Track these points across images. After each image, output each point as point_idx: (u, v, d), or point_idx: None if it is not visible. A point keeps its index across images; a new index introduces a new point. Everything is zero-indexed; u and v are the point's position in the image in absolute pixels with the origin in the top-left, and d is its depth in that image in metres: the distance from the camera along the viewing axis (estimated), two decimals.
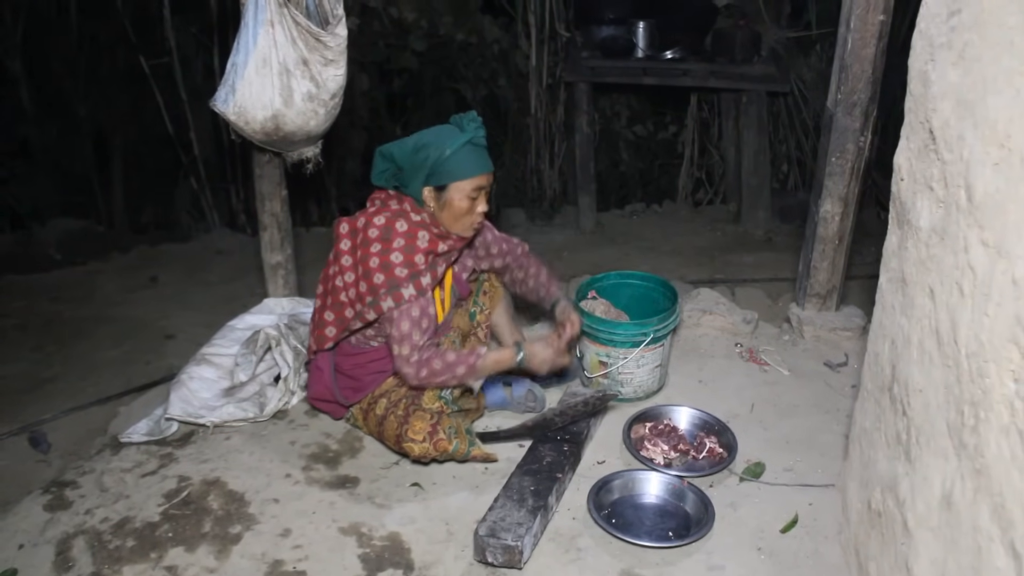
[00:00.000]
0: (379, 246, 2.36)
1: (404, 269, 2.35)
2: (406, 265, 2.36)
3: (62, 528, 2.33)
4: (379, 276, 2.35)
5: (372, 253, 2.36)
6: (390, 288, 2.35)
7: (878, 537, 1.88)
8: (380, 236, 2.37)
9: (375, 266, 2.35)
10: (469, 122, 2.39)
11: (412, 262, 2.36)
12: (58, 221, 6.10)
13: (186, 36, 5.87)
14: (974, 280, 1.38)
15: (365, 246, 2.39)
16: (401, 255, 2.36)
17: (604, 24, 5.68)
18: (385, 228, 2.38)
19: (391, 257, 2.35)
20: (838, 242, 3.10)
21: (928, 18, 1.65)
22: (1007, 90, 1.30)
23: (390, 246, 2.36)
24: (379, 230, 2.38)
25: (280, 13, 2.59)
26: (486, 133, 2.41)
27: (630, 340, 2.72)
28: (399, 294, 2.35)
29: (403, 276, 2.35)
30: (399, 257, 2.36)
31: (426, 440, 2.38)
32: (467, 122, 2.39)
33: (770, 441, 2.64)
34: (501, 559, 2.10)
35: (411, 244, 2.37)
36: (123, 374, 3.63)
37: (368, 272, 2.37)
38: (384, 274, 2.35)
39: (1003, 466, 1.27)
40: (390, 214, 2.41)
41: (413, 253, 2.37)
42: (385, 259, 2.35)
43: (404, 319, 2.36)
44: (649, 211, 6.23)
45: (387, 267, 2.35)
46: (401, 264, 2.36)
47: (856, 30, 2.75)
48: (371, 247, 2.37)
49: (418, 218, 2.42)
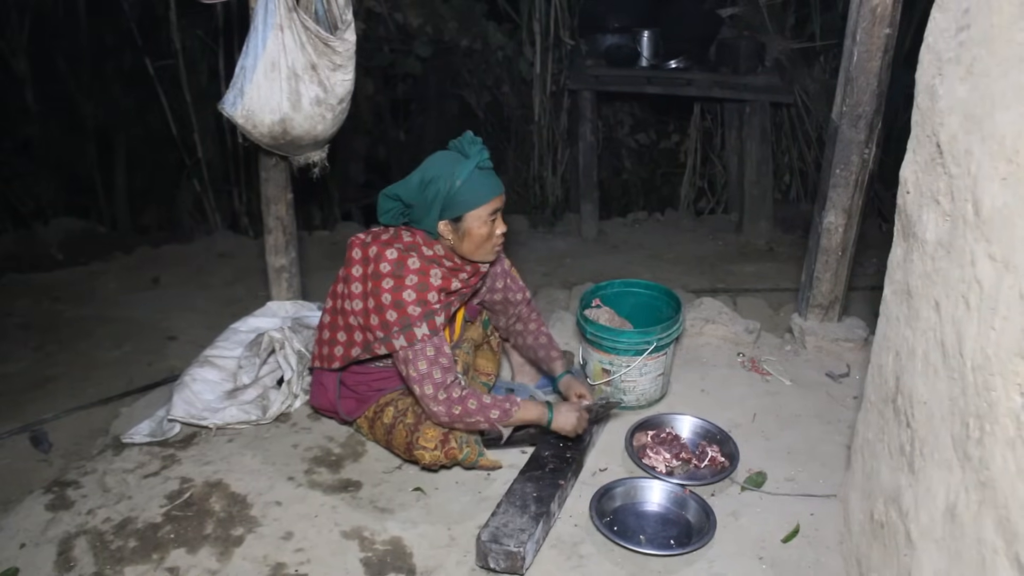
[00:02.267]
0: (391, 282, 2.31)
1: (417, 308, 2.30)
2: (419, 303, 2.30)
3: (64, 528, 2.34)
4: (392, 314, 2.30)
5: (384, 289, 2.31)
6: (403, 327, 2.30)
7: (880, 548, 1.88)
8: (392, 272, 2.31)
9: (387, 303, 2.30)
10: (471, 145, 2.31)
11: (425, 300, 2.31)
12: (61, 221, 6.11)
13: (192, 38, 5.88)
14: (981, 293, 1.39)
15: (376, 279, 2.33)
16: (414, 293, 2.30)
17: (609, 32, 5.70)
18: (397, 263, 2.31)
19: (403, 295, 2.29)
20: (841, 253, 3.11)
21: (936, 33, 1.66)
22: (1016, 105, 1.31)
23: (403, 283, 2.30)
24: (391, 265, 2.32)
25: (290, 18, 2.60)
26: (488, 150, 2.34)
27: (633, 348, 2.73)
28: (412, 333, 2.30)
29: (416, 315, 2.30)
30: (412, 295, 2.30)
31: (438, 448, 2.38)
32: (468, 146, 2.31)
33: (772, 451, 2.64)
34: (503, 565, 2.11)
35: (424, 282, 2.31)
36: (124, 375, 3.64)
37: (380, 307, 2.32)
38: (397, 312, 2.30)
39: (1008, 479, 1.28)
40: (402, 247, 2.35)
41: (426, 291, 2.31)
42: (398, 296, 2.29)
43: (420, 359, 2.31)
44: (651, 219, 6.24)
45: (400, 305, 2.29)
46: (414, 302, 2.30)
47: (862, 43, 2.76)
48: (383, 282, 2.31)
49: (430, 252, 2.37)
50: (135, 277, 5.09)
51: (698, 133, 6.40)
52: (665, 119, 6.65)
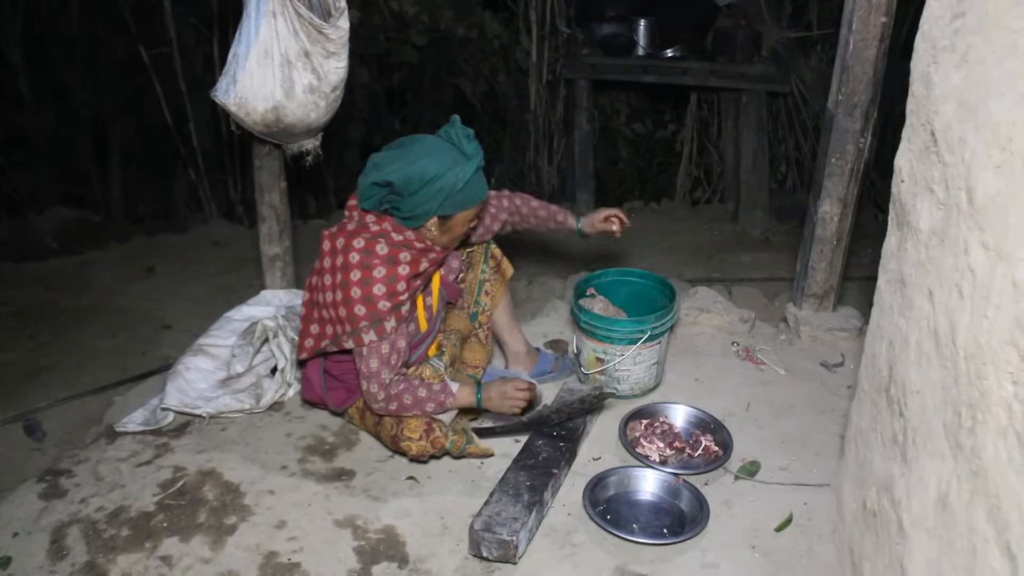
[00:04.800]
0: (359, 273, 2.27)
1: (387, 302, 2.27)
2: (388, 297, 2.27)
3: (57, 517, 2.33)
4: (360, 308, 2.28)
5: (353, 282, 2.27)
6: (373, 322, 2.28)
7: (873, 537, 1.88)
8: (360, 262, 2.28)
9: (356, 297, 2.27)
10: (468, 141, 2.26)
11: (395, 291, 2.29)
12: (55, 210, 6.10)
13: (186, 26, 5.86)
14: (974, 282, 1.39)
15: (345, 271, 2.29)
16: (384, 286, 2.27)
17: (605, 21, 5.69)
18: (365, 252, 2.29)
19: (373, 289, 2.26)
20: (836, 243, 3.11)
21: (931, 20, 1.65)
22: (1010, 93, 1.30)
23: (371, 275, 2.27)
24: (359, 254, 2.28)
25: (283, 4, 2.58)
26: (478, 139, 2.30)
27: (627, 337, 2.73)
28: (382, 327, 2.29)
29: (385, 310, 2.28)
30: (381, 289, 2.26)
31: (423, 438, 2.38)
32: (465, 141, 2.26)
33: (765, 440, 2.64)
34: (496, 553, 2.11)
35: (392, 273, 2.28)
36: (119, 364, 3.63)
37: (349, 301, 2.28)
38: (366, 307, 2.28)
39: (1000, 468, 1.28)
40: (369, 236, 2.31)
41: (395, 282, 2.28)
42: (367, 291, 2.26)
43: (373, 356, 2.31)
44: (647, 209, 6.24)
45: (369, 300, 2.27)
46: (384, 296, 2.27)
47: (858, 32, 2.75)
48: (351, 274, 2.28)
49: (399, 238, 2.32)
50: (130, 266, 5.08)
51: (694, 122, 6.40)
52: (661, 108, 6.64)
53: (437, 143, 2.27)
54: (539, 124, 6.29)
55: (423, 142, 2.26)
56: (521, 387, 2.44)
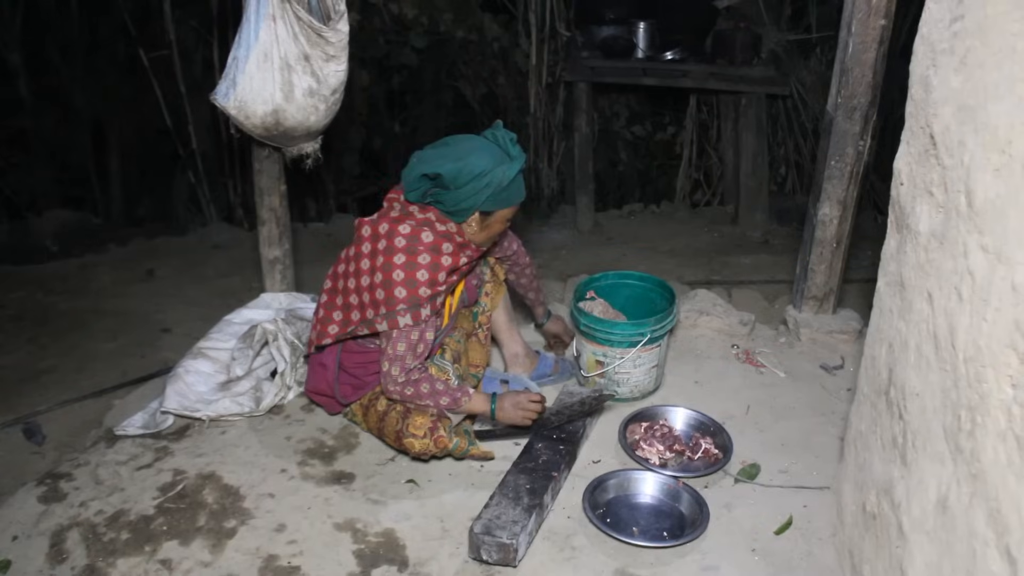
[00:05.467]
0: (404, 257, 2.32)
1: (427, 289, 2.31)
2: (430, 284, 2.31)
3: (56, 520, 2.33)
4: (401, 290, 2.30)
5: (396, 265, 2.31)
6: (411, 306, 2.30)
7: (872, 540, 1.88)
8: (407, 247, 2.32)
9: (399, 280, 2.30)
10: (512, 144, 2.36)
11: (436, 280, 2.32)
12: (55, 213, 6.09)
13: (186, 29, 5.86)
14: (973, 285, 1.39)
15: (389, 253, 2.33)
16: (427, 273, 2.31)
17: (604, 24, 5.68)
18: (411, 237, 2.33)
19: (417, 275, 2.30)
20: (836, 245, 3.11)
21: (930, 23, 1.66)
22: (1009, 96, 1.30)
23: (415, 259, 2.31)
24: (405, 239, 2.33)
25: (282, 8, 2.58)
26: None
27: (627, 340, 2.73)
28: (418, 313, 2.31)
29: (425, 296, 2.31)
30: (425, 275, 2.31)
31: (427, 436, 2.38)
32: (511, 144, 2.36)
33: (765, 443, 2.64)
34: (496, 557, 2.11)
35: (436, 261, 2.33)
36: (118, 367, 3.63)
37: (389, 283, 2.31)
38: (408, 290, 2.30)
39: (999, 471, 1.28)
40: (415, 223, 2.35)
41: (438, 271, 2.33)
42: (411, 275, 2.30)
43: (402, 340, 2.33)
44: (647, 211, 6.24)
45: (412, 283, 2.30)
46: (426, 283, 2.31)
47: (857, 34, 2.75)
48: (395, 257, 2.32)
49: (443, 228, 2.37)
50: (129, 269, 5.07)
51: (694, 125, 6.40)
52: (661, 111, 6.64)
53: (484, 142, 2.37)
54: (539, 127, 6.29)
55: (471, 140, 2.37)
56: (534, 399, 2.48)
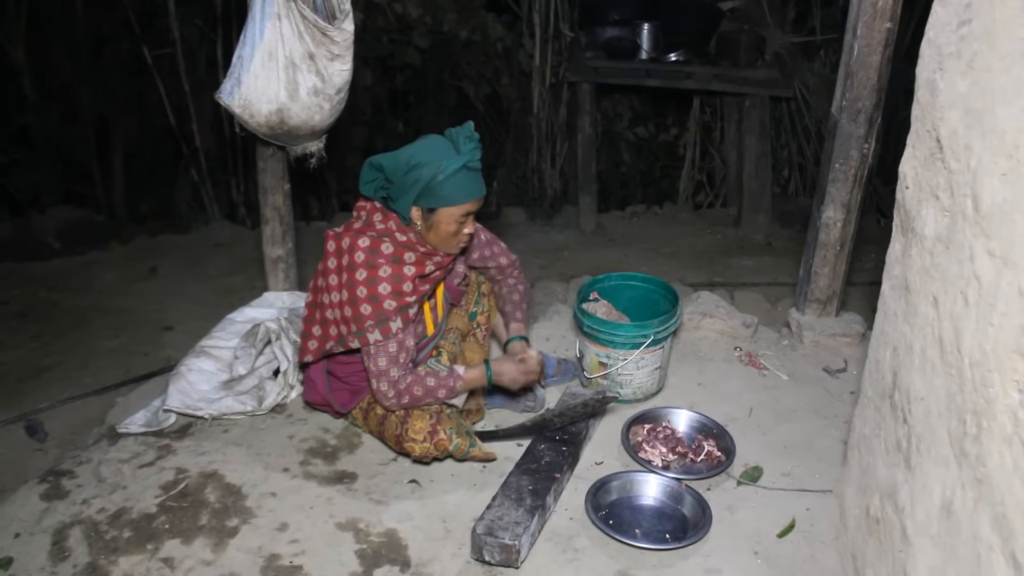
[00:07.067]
0: (365, 272, 2.29)
1: (392, 301, 2.29)
2: (394, 296, 2.29)
3: (59, 518, 2.33)
4: (366, 307, 2.29)
5: (359, 281, 2.29)
6: (378, 321, 2.29)
7: (876, 544, 1.88)
8: (366, 261, 2.29)
9: (363, 296, 2.28)
10: (466, 141, 2.26)
11: (400, 291, 2.30)
12: (58, 210, 6.09)
13: (190, 27, 5.86)
14: (979, 290, 1.39)
15: (351, 270, 2.31)
16: (389, 285, 2.28)
17: (608, 25, 5.68)
18: (370, 250, 2.30)
19: (379, 288, 2.28)
20: (839, 248, 3.11)
21: (937, 27, 1.65)
22: (1017, 101, 1.30)
23: (376, 274, 2.28)
24: (364, 253, 2.30)
25: (287, 7, 2.58)
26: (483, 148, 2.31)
27: (630, 342, 2.73)
28: (387, 327, 2.30)
29: (391, 309, 2.29)
30: (387, 288, 2.28)
31: (427, 440, 2.38)
32: (464, 141, 2.26)
33: (768, 445, 2.64)
34: (498, 558, 2.10)
35: (398, 272, 2.30)
36: (121, 364, 3.64)
37: (355, 300, 2.30)
38: (372, 306, 2.28)
39: (1005, 476, 1.28)
40: (375, 234, 2.33)
41: (401, 282, 2.30)
42: (373, 290, 2.28)
43: (381, 355, 2.32)
44: (649, 213, 6.24)
45: (375, 299, 2.28)
46: (390, 295, 2.28)
47: (862, 37, 2.75)
48: (356, 273, 2.29)
49: (404, 238, 2.33)
50: (132, 267, 5.08)
51: (697, 127, 6.40)
52: (664, 112, 6.64)
53: (436, 138, 2.33)
54: (542, 127, 6.29)
55: (426, 137, 2.35)
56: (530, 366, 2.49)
